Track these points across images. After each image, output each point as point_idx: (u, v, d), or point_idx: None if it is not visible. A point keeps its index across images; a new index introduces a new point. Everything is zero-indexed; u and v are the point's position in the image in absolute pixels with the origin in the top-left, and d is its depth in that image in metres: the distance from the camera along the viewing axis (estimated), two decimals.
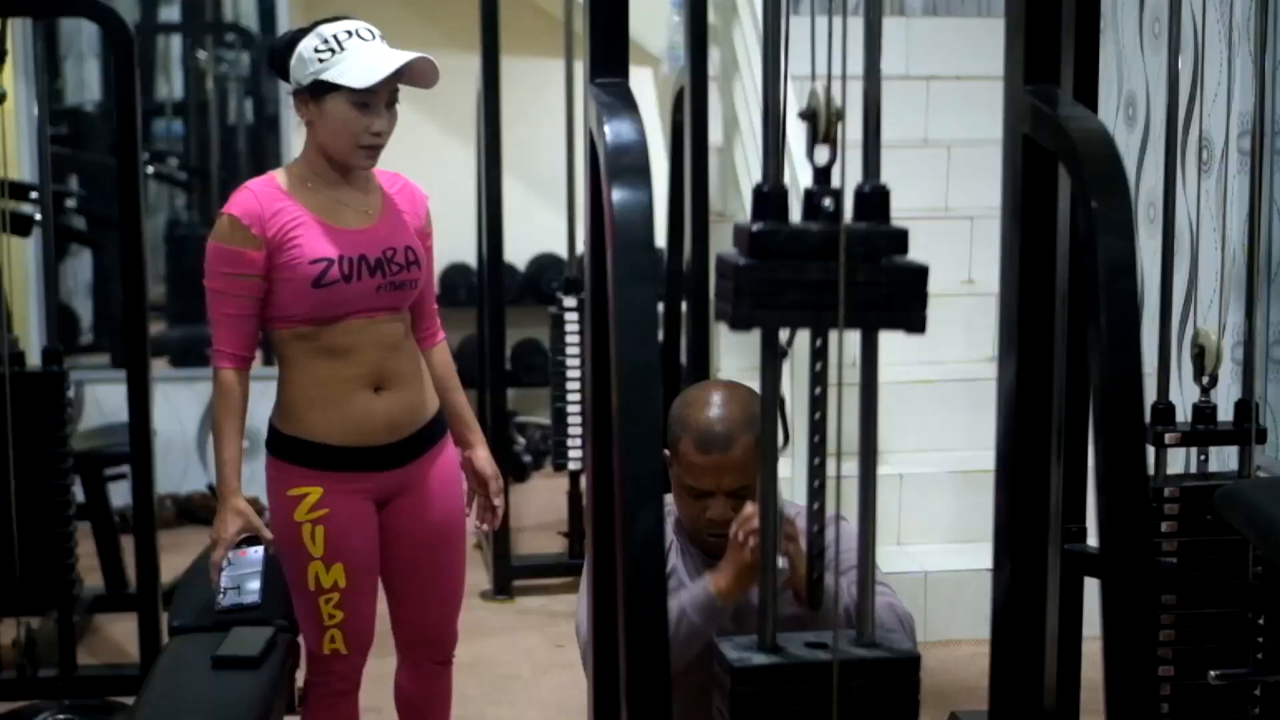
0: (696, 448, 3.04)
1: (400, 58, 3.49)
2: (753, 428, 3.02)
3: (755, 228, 1.96)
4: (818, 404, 2.02)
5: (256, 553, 3.54)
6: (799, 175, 4.74)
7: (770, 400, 2.06)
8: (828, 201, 1.98)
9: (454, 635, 3.89)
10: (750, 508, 2.88)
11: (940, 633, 5.37)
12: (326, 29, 3.51)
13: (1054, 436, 2.48)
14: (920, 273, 1.98)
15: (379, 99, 3.51)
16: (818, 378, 2.03)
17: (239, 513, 3.53)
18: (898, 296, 1.98)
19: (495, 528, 3.97)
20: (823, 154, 1.98)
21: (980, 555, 5.26)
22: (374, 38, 3.52)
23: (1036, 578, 2.47)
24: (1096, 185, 2.19)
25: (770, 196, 1.99)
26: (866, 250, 1.97)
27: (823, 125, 1.98)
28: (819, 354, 2.02)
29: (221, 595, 3.53)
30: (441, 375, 3.83)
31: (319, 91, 3.50)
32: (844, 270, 1.94)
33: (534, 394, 8.33)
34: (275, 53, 3.61)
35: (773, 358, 2.04)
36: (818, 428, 2.04)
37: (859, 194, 2.00)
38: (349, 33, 3.49)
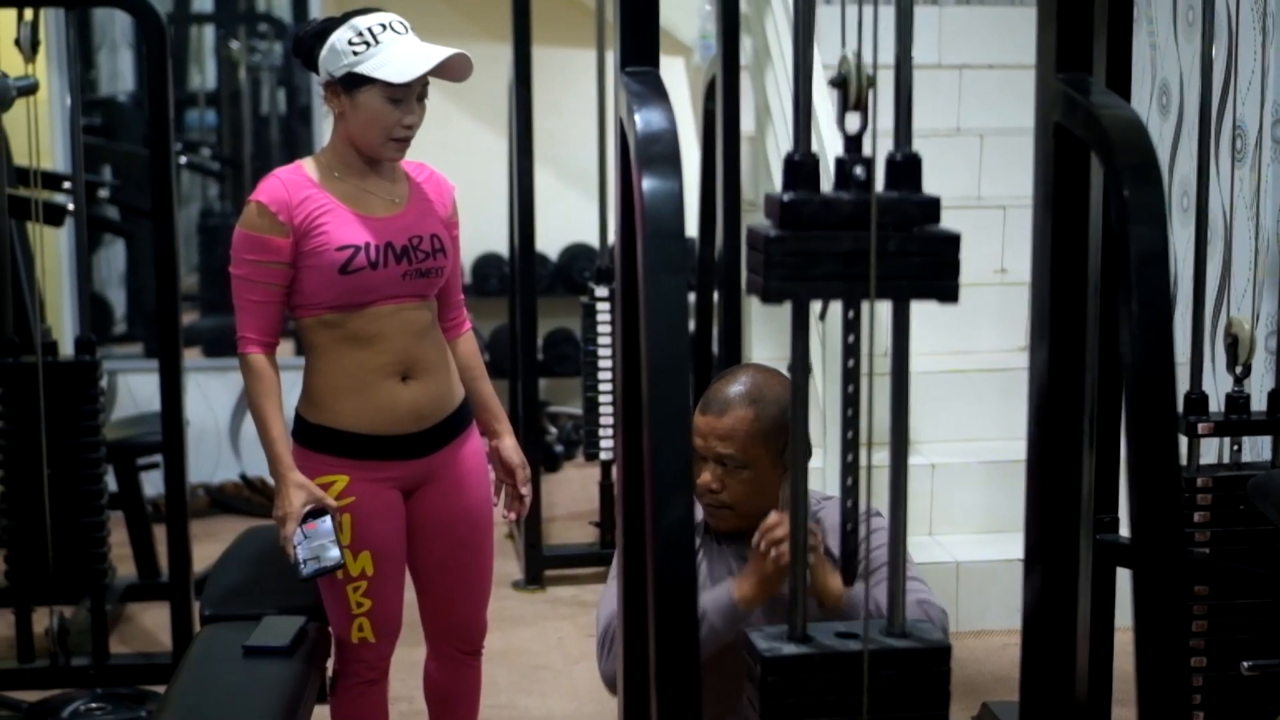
0: (699, 409, 3.07)
1: (437, 54, 3.49)
2: (758, 407, 3.03)
3: (786, 198, 1.95)
4: (850, 377, 2.01)
5: (325, 522, 3.53)
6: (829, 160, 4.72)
7: (800, 374, 2.05)
8: (859, 170, 1.96)
9: (483, 625, 3.90)
10: (774, 517, 2.87)
11: (972, 623, 5.36)
12: (360, 21, 3.51)
13: (1086, 426, 2.47)
14: (952, 241, 1.97)
15: (411, 93, 3.51)
16: (850, 350, 2.01)
17: (300, 485, 3.52)
18: (930, 265, 1.97)
19: (523, 516, 3.97)
20: (854, 121, 1.98)
21: (1012, 545, 5.28)
22: (406, 31, 3.53)
23: (1068, 568, 2.46)
24: (1129, 174, 2.18)
25: (801, 166, 1.98)
26: (898, 219, 1.96)
27: (854, 93, 1.97)
28: (851, 325, 2.01)
29: (303, 565, 3.51)
30: (468, 364, 3.83)
31: (352, 84, 3.50)
32: (875, 240, 1.93)
33: (566, 384, 8.33)
34: (301, 42, 3.61)
35: (803, 330, 2.03)
36: (850, 401, 2.02)
37: (890, 162, 1.99)
38: (383, 26, 3.50)
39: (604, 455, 6.07)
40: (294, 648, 3.54)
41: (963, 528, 5.59)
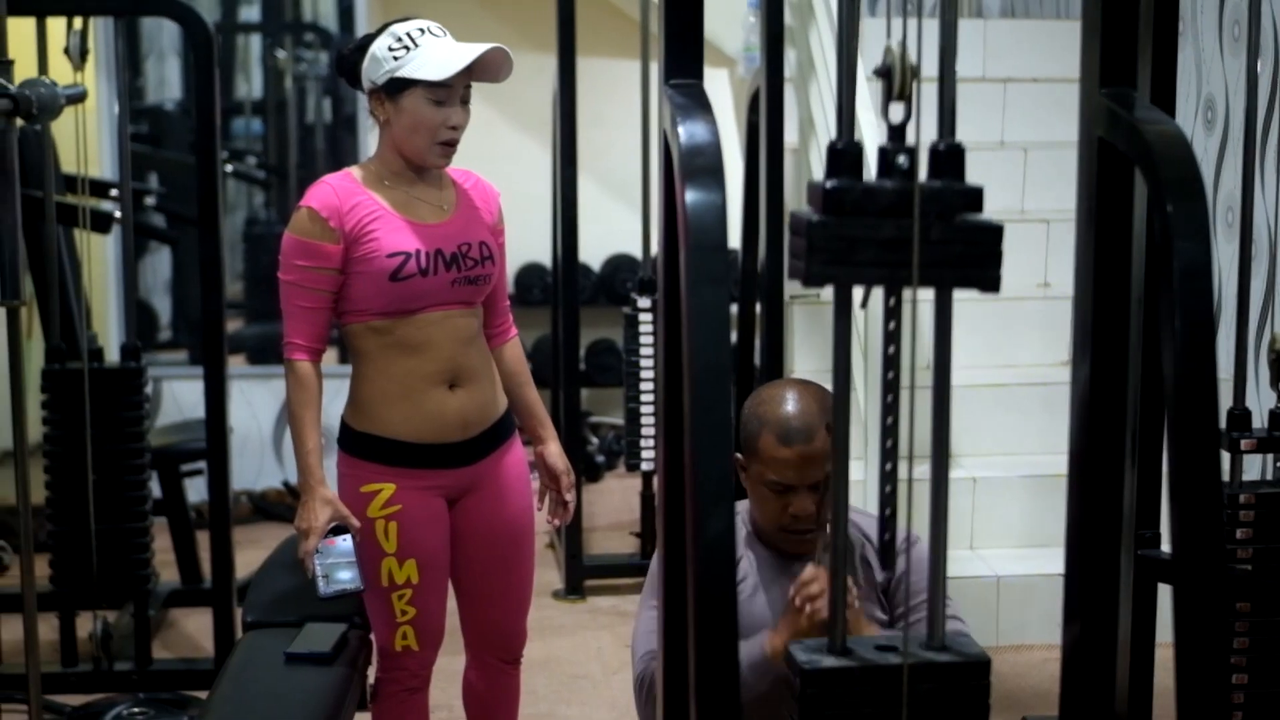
0: (779, 441, 3.04)
1: (475, 49, 3.51)
2: (826, 416, 3.02)
3: (828, 184, 1.95)
4: (891, 363, 2.00)
5: (345, 541, 3.56)
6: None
7: (842, 365, 2.05)
8: (902, 158, 1.96)
9: (523, 634, 3.90)
10: (809, 572, 2.86)
11: (1012, 637, 5.35)
12: (399, 28, 3.54)
13: (1128, 441, 2.47)
14: (995, 231, 1.97)
15: (454, 94, 3.53)
16: (891, 337, 2.01)
17: (327, 501, 3.54)
18: (972, 254, 1.97)
19: (566, 523, 3.98)
20: (898, 111, 1.98)
21: (1052, 560, 5.25)
22: (444, 34, 3.56)
23: (1109, 583, 2.45)
24: (1172, 188, 2.17)
25: (844, 153, 1.98)
26: (940, 208, 1.96)
27: (898, 82, 1.97)
28: (892, 313, 2.01)
29: (322, 583, 3.54)
30: (514, 370, 3.84)
31: (395, 89, 3.52)
32: (918, 227, 1.93)
33: (608, 394, 8.35)
34: (344, 59, 3.64)
35: (845, 316, 2.03)
36: (891, 387, 2.02)
37: (933, 151, 1.99)
38: (421, 30, 3.53)
39: (645, 466, 6.07)
40: (335, 654, 3.55)
41: (1003, 542, 5.58)
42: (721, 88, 7.69)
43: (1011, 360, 6.01)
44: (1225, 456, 3.64)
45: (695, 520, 2.01)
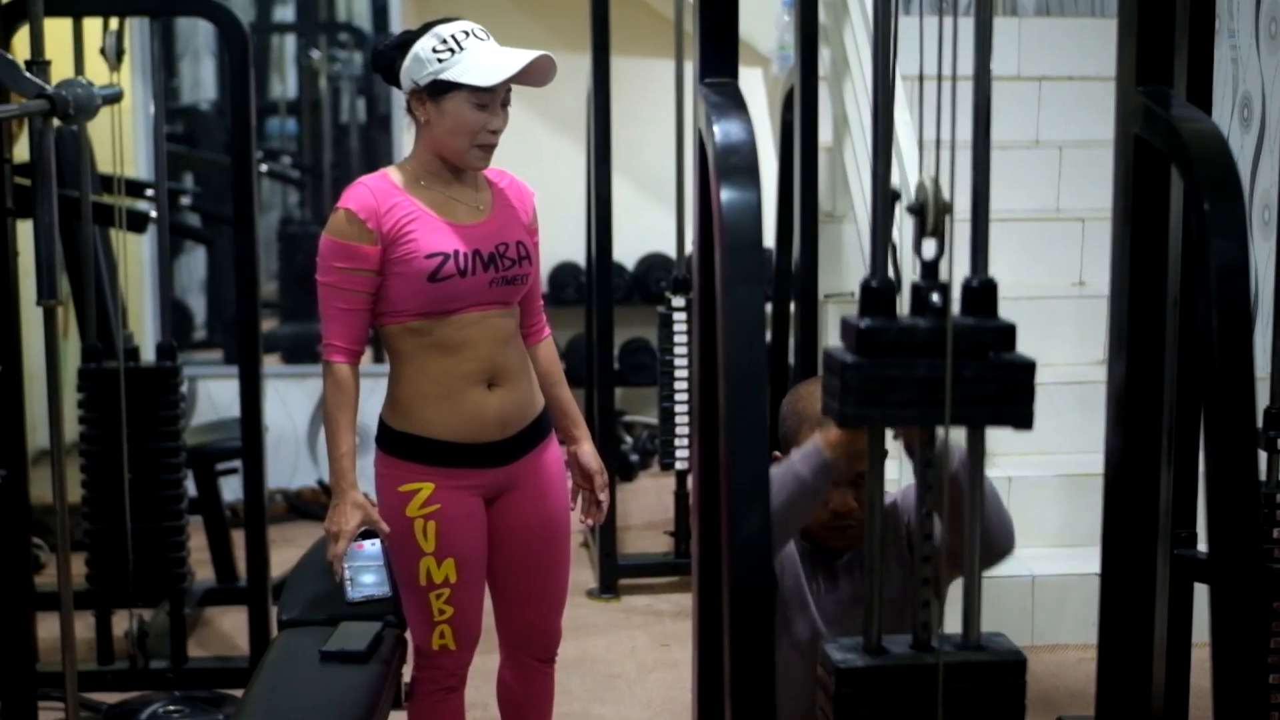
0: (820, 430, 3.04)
1: (523, 57, 3.50)
2: None
3: (863, 324, 1.96)
4: (925, 497, 2.03)
5: (374, 545, 3.57)
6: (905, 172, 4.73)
7: (877, 497, 2.06)
8: (935, 296, 1.98)
9: (558, 633, 3.91)
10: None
11: (1047, 637, 5.34)
12: (444, 29, 3.53)
13: (1164, 440, 2.46)
14: (1028, 368, 1.99)
15: (496, 98, 3.53)
16: (925, 474, 2.04)
17: (358, 506, 3.55)
18: (1006, 393, 1.99)
19: (600, 522, 3.98)
20: (930, 248, 1.99)
21: (1088, 560, 5.23)
22: (488, 38, 3.56)
23: (1145, 583, 2.45)
24: (1209, 187, 2.17)
25: (878, 292, 1.99)
26: (974, 346, 1.97)
27: (931, 219, 1.98)
28: (928, 445, 2.03)
29: (350, 587, 3.55)
30: (548, 370, 3.84)
31: (438, 91, 3.52)
32: (951, 368, 1.94)
33: (641, 393, 8.34)
34: (382, 55, 3.63)
35: (879, 454, 2.04)
36: (924, 523, 2.03)
37: (966, 288, 2.00)
38: (466, 33, 3.52)
39: (679, 465, 6.07)
40: (371, 653, 3.56)
41: (1038, 541, 5.55)
42: (755, 86, 7.68)
43: (1046, 359, 5.91)
44: (1262, 456, 3.63)
45: (730, 519, 2.01)
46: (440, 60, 3.49)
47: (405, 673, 3.79)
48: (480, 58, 3.50)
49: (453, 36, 3.51)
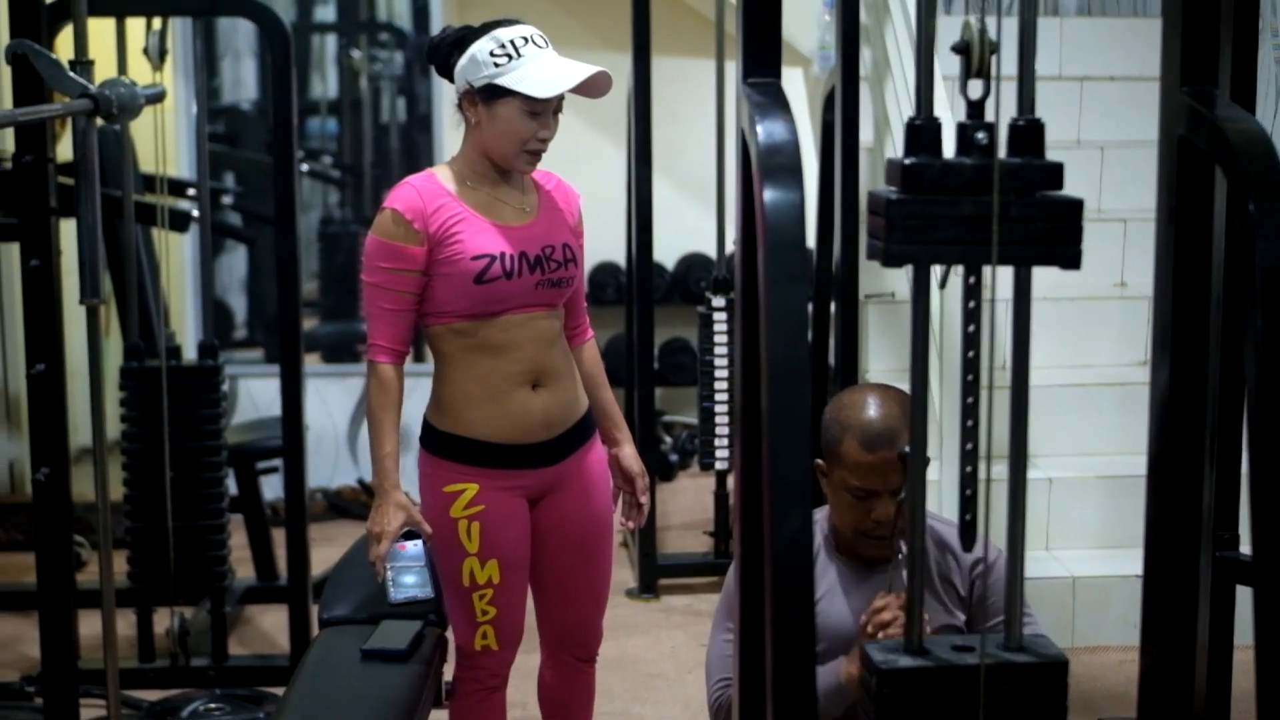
0: (861, 446, 3.05)
1: (581, 71, 3.49)
2: (907, 421, 3.02)
3: (907, 162, 1.94)
4: (971, 342, 1.99)
5: (416, 546, 3.57)
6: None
7: (920, 342, 2.04)
8: (981, 135, 1.95)
9: (599, 632, 3.91)
10: (880, 600, 2.88)
11: (1087, 639, 5.32)
12: (503, 33, 3.51)
13: (1207, 442, 2.45)
14: (1075, 206, 1.96)
15: (549, 107, 3.52)
16: (971, 315, 2.00)
17: (401, 506, 3.55)
18: (1052, 231, 1.96)
19: (641, 525, 3.98)
20: (976, 88, 1.97)
21: (1128, 561, 5.23)
22: (546, 45, 3.53)
23: (1188, 585, 2.44)
24: (1254, 187, 2.16)
25: (922, 130, 1.97)
26: (1020, 184, 1.95)
27: (976, 58, 1.96)
28: (972, 291, 2.00)
29: (392, 588, 3.56)
30: (591, 372, 3.84)
31: (491, 95, 3.51)
32: (997, 204, 1.92)
33: (681, 393, 8.34)
34: (438, 48, 3.60)
35: (924, 294, 2.02)
36: (970, 367, 2.01)
37: (1013, 128, 1.98)
38: (525, 39, 3.50)
39: (719, 465, 6.07)
40: (411, 652, 3.57)
41: (1079, 543, 5.55)
42: (796, 86, 7.66)
43: (1087, 360, 5.98)
44: None
45: (772, 520, 2.01)
46: (497, 64, 3.48)
47: (446, 672, 3.80)
48: (537, 67, 3.48)
49: (511, 42, 3.49)
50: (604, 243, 7.61)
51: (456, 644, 3.74)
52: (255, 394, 7.41)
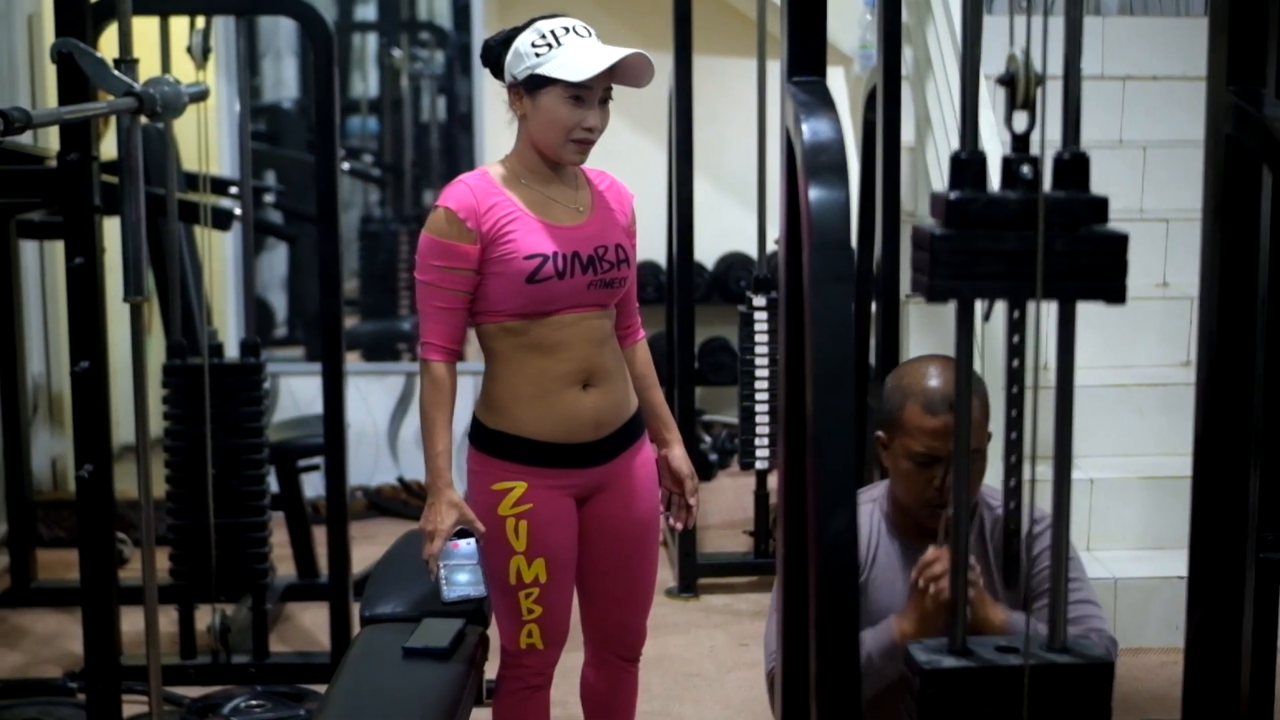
0: (924, 410, 3.06)
1: (615, 53, 3.49)
2: (978, 395, 3.02)
3: (952, 196, 1.94)
4: (1015, 378, 1.99)
5: (469, 544, 3.57)
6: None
7: (964, 379, 2.04)
8: (1026, 169, 1.95)
9: (643, 633, 3.91)
10: (931, 553, 2.87)
11: (1129, 640, 5.30)
12: (544, 24, 3.52)
13: (1252, 442, 2.44)
14: (1120, 241, 1.95)
15: (593, 95, 3.52)
16: (1015, 350, 2.00)
17: (454, 505, 3.55)
18: (1097, 266, 1.95)
19: (689, 527, 3.97)
20: (1021, 120, 1.96)
21: (1171, 562, 5.22)
22: (589, 35, 3.54)
23: (1234, 586, 2.43)
24: None
25: (968, 164, 1.97)
26: (1065, 219, 1.94)
27: (1021, 90, 1.96)
28: (1016, 326, 1.99)
29: (445, 586, 3.55)
30: (642, 373, 3.83)
31: (534, 86, 3.52)
32: (1042, 239, 1.92)
33: (721, 392, 8.34)
34: (490, 50, 3.62)
35: (968, 330, 2.02)
36: (1014, 401, 2.01)
37: (1058, 161, 1.97)
38: (566, 29, 3.51)
39: (759, 464, 6.07)
40: (453, 650, 3.57)
41: (1121, 544, 5.53)
42: (837, 85, 7.66)
43: (1130, 361, 5.96)
44: None
45: (817, 519, 2.00)
46: (538, 55, 3.49)
47: (488, 670, 3.80)
48: (575, 53, 3.49)
49: (551, 32, 3.51)
50: (644, 242, 7.51)
51: (501, 643, 3.74)
52: (296, 392, 7.43)
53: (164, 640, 4.54)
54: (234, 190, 6.05)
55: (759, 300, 6.00)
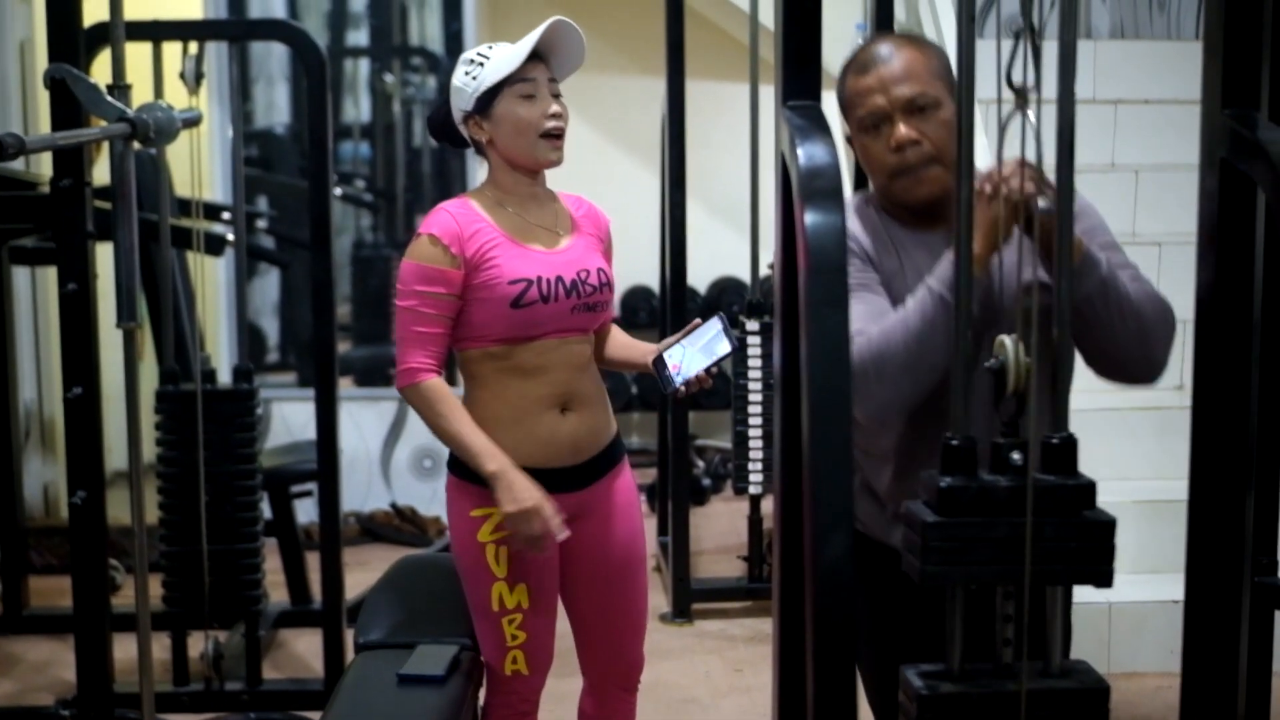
0: (858, 73, 2.99)
1: (538, 30, 3.51)
2: (920, 46, 2.99)
3: (943, 483, 1.97)
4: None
5: (713, 322, 3.70)
6: None
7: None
8: (1016, 455, 1.98)
9: (640, 661, 3.89)
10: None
11: (1124, 665, 5.30)
12: (468, 54, 3.59)
13: (1248, 467, 2.44)
14: (1108, 527, 1.99)
15: (541, 87, 3.53)
16: (1006, 641, 2.06)
17: (525, 475, 3.49)
18: (1086, 551, 2.00)
19: (708, 386, 3.81)
20: (1009, 406, 2.00)
21: (1166, 587, 5.21)
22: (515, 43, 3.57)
23: (1229, 611, 2.43)
24: None
25: (958, 450, 1.99)
26: (1054, 505, 1.98)
27: (1012, 380, 1.99)
28: (1007, 616, 2.05)
29: (675, 379, 3.65)
30: (614, 334, 3.85)
31: (484, 104, 3.53)
32: (1030, 527, 1.97)
33: (714, 417, 8.34)
34: (434, 121, 3.69)
35: (955, 617, 2.06)
36: None
37: (1046, 445, 2.00)
38: (489, 46, 3.57)
39: (753, 489, 6.06)
40: (448, 676, 3.56)
41: (1116, 568, 5.51)
42: (830, 110, 7.67)
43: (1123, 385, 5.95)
44: None
45: (813, 543, 2.00)
46: (474, 78, 3.52)
47: (482, 696, 3.80)
48: (504, 54, 3.53)
49: (478, 54, 3.56)
50: (637, 266, 7.62)
51: (487, 669, 3.73)
52: (288, 417, 7.43)
53: (157, 667, 4.53)
54: (226, 216, 6.04)
55: (752, 324, 6.00)
